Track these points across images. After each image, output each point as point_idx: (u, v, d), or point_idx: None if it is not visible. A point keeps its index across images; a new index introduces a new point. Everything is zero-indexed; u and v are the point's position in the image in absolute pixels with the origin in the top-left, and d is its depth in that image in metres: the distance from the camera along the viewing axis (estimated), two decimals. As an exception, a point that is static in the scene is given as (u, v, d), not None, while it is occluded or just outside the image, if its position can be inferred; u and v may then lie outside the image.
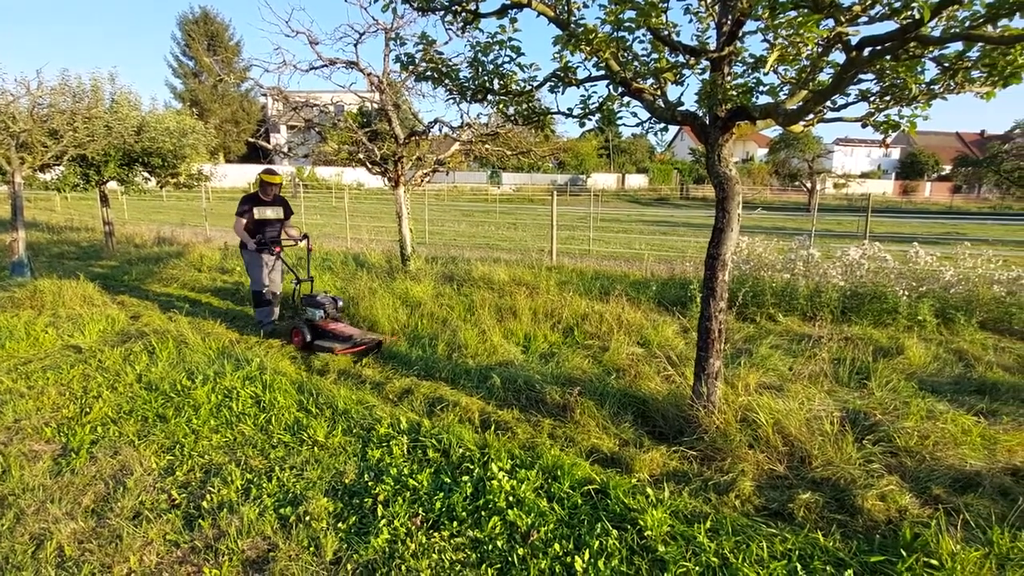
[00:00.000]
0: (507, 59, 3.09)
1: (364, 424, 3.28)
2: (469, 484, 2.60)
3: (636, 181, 49.16)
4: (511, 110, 3.53)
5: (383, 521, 2.41)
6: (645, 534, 2.25)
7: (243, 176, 35.92)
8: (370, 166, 7.16)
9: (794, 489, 2.66)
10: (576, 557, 2.14)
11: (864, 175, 44.27)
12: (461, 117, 6.83)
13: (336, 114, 7.85)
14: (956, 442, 2.99)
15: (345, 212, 13.22)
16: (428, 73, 3.06)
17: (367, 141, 7.06)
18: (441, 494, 2.55)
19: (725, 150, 2.90)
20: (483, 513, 2.42)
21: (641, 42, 3.09)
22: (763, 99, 2.85)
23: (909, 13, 2.17)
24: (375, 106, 7.47)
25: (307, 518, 2.48)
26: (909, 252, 6.28)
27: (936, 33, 2.28)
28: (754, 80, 2.69)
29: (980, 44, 2.34)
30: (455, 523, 2.38)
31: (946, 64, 2.52)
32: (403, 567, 2.16)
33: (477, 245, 12.44)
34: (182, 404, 3.57)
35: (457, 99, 3.26)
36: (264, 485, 2.75)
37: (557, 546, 2.21)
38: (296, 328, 5.02)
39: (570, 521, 2.37)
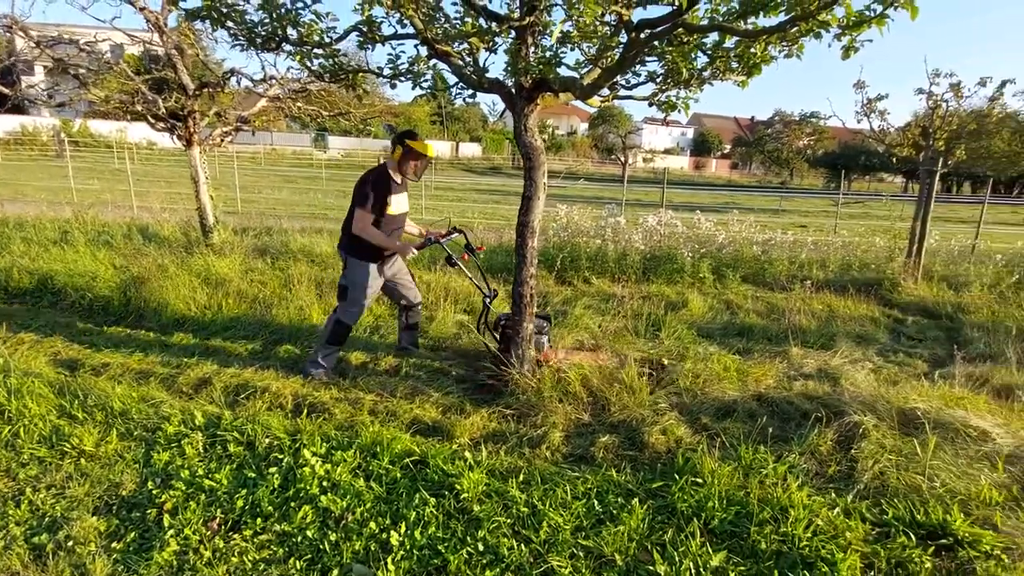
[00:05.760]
0: (302, 5, 2.77)
1: (148, 425, 2.82)
2: (277, 475, 2.40)
3: (470, 150, 49.49)
4: (315, 64, 3.20)
5: (170, 532, 2.11)
6: (462, 497, 2.30)
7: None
8: (153, 121, 6.05)
9: (596, 434, 2.95)
10: (392, 532, 2.10)
11: (667, 151, 50.47)
12: (263, 69, 6.03)
13: (114, 56, 6.45)
14: (720, 378, 3.58)
15: (129, 176, 11.13)
16: (203, 12, 2.59)
17: (147, 91, 5.93)
18: (244, 491, 2.32)
19: (531, 120, 2.99)
20: (292, 504, 2.26)
21: (454, 3, 3.00)
22: (566, 73, 2.98)
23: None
24: (159, 49, 6.28)
25: (70, 543, 2.07)
26: (694, 219, 7.32)
27: (704, 22, 2.59)
28: (553, 54, 2.79)
29: (737, 38, 2.73)
30: (259, 520, 2.18)
31: (709, 53, 2.89)
32: (194, 579, 1.92)
33: (299, 215, 11.46)
34: None
35: (244, 46, 2.84)
36: (11, 512, 2.23)
37: (373, 524, 2.15)
38: None
39: (388, 497, 2.33)
